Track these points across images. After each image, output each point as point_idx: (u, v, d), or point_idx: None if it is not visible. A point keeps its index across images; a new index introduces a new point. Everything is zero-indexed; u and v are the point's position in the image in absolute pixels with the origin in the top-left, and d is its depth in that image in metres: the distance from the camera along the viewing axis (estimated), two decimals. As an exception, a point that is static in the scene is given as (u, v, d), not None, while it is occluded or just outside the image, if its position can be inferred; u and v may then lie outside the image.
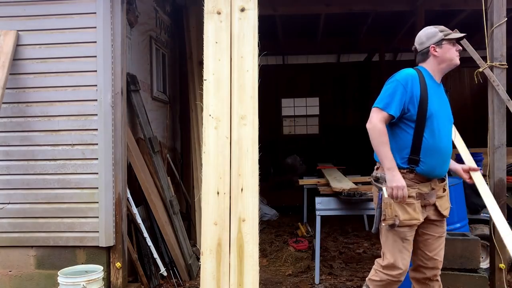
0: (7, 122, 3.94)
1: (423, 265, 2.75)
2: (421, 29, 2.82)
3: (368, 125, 2.60)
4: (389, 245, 2.65)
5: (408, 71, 2.64)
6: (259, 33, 2.88)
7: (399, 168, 2.58)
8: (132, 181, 4.27)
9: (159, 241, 4.43)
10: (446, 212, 2.73)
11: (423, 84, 2.59)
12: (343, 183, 4.66)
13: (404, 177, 2.56)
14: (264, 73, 3.18)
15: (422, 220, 2.63)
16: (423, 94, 2.57)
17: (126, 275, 3.97)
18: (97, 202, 3.86)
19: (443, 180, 2.74)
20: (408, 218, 2.58)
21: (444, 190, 2.75)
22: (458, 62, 2.70)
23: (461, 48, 2.75)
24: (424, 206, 2.65)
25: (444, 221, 2.77)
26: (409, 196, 2.56)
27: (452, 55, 2.67)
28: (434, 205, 2.67)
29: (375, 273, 2.74)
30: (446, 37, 2.66)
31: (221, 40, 2.87)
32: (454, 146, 2.94)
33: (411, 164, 2.61)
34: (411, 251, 2.69)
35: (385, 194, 2.56)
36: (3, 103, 3.81)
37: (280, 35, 8.13)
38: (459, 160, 5.57)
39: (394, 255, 2.64)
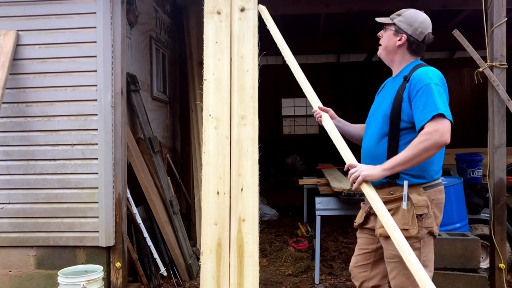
0: (7, 122, 3.94)
1: None
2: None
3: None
4: None
5: None
6: (259, 33, 2.88)
7: None
8: (132, 181, 4.26)
9: (159, 241, 4.43)
10: (379, 231, 2.23)
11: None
12: (343, 183, 4.66)
13: None
14: (264, 73, 3.18)
15: (358, 223, 2.51)
16: None
17: (126, 275, 3.97)
18: (97, 202, 3.86)
19: (387, 190, 2.26)
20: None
21: (396, 203, 2.22)
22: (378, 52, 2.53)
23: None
24: (372, 214, 2.35)
25: (386, 242, 2.20)
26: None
27: None
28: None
29: None
30: None
31: (221, 40, 2.87)
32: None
33: None
34: (357, 256, 2.53)
35: None
36: (3, 103, 3.81)
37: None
38: (459, 160, 5.57)
39: None
